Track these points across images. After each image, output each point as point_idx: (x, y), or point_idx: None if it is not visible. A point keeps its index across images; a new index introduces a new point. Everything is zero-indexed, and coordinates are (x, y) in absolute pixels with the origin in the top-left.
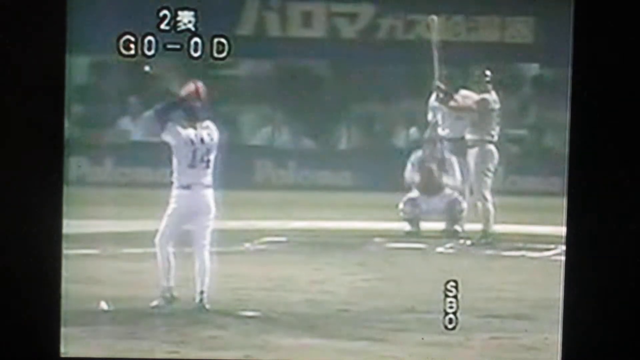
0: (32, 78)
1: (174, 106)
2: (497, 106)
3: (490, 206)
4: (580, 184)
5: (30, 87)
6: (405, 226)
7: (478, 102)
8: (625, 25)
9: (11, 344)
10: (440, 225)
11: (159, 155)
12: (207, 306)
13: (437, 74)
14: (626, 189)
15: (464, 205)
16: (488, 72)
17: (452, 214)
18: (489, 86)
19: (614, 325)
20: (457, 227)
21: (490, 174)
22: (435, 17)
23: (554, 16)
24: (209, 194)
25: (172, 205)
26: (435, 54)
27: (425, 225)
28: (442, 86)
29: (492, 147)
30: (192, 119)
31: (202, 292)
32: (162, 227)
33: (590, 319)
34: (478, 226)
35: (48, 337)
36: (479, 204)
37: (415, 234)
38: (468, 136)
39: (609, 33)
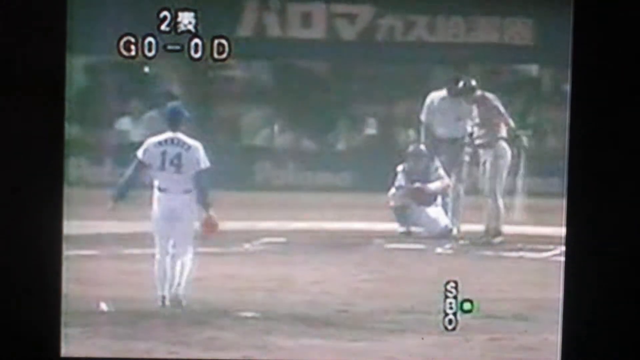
0: (33, 79)
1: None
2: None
3: (500, 204)
4: (580, 185)
5: (30, 88)
6: (396, 223)
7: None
8: (625, 25)
9: (12, 345)
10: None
11: None
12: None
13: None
14: (626, 189)
15: (450, 225)
16: (474, 82)
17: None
18: (478, 91)
19: (614, 326)
20: (454, 229)
21: (503, 173)
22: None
23: (554, 17)
24: (185, 199)
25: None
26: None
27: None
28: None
29: (504, 144)
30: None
31: (164, 297)
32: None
33: (590, 319)
34: (479, 226)
35: (48, 337)
36: (490, 202)
37: (407, 234)
38: (477, 140)
39: (609, 33)
